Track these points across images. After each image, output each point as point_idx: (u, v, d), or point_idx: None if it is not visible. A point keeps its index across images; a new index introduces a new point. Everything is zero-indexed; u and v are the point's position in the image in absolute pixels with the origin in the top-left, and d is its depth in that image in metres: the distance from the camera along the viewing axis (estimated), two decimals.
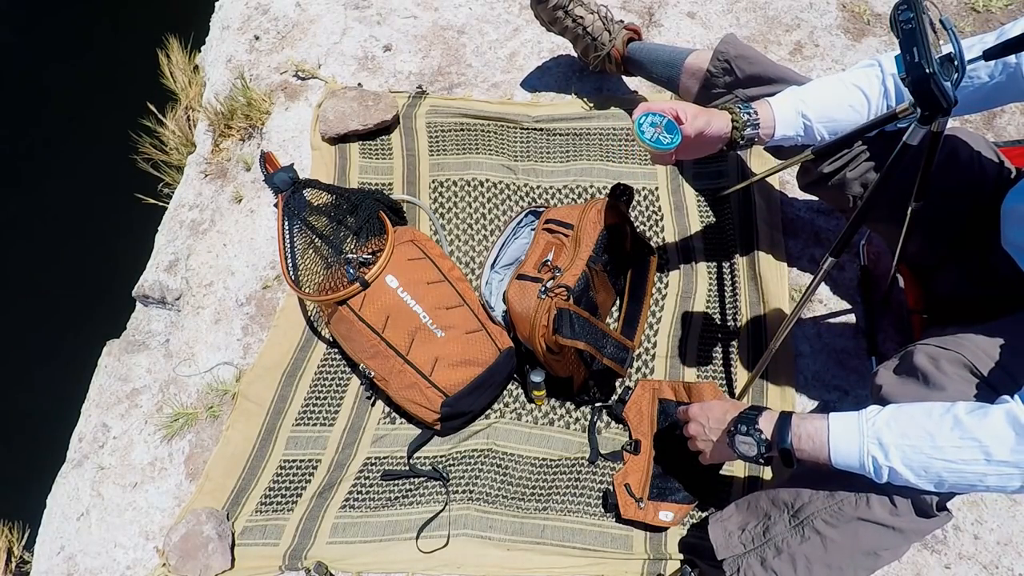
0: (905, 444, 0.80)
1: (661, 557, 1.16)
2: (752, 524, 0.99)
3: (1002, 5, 1.77)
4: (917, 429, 0.80)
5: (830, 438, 0.87)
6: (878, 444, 0.82)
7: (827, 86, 1.06)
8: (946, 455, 0.78)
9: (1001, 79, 0.94)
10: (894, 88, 1.02)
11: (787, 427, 0.91)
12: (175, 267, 1.55)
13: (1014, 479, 0.76)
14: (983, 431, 0.76)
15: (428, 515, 1.20)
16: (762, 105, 1.06)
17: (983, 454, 0.76)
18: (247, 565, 1.18)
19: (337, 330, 1.28)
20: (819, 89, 1.07)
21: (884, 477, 0.83)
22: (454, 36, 1.78)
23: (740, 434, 0.94)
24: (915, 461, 0.80)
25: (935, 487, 0.81)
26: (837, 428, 0.87)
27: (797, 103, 1.05)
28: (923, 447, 0.79)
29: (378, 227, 1.32)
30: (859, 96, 1.04)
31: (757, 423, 0.93)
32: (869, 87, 1.03)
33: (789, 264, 1.41)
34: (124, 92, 2.14)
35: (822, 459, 0.88)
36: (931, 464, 0.79)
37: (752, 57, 1.27)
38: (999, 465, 0.75)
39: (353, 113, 1.57)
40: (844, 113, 1.05)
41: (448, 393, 1.21)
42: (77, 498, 1.30)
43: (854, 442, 0.85)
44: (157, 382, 1.41)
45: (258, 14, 1.87)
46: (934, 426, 0.79)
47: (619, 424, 1.29)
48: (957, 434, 0.78)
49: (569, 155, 1.58)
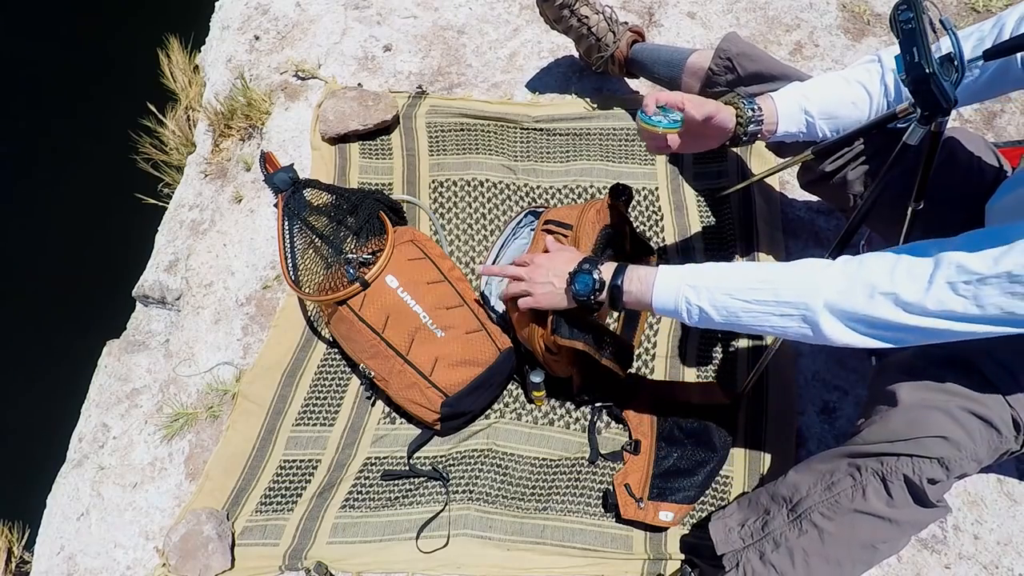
0: (714, 285, 0.90)
1: (661, 557, 1.16)
2: (752, 520, 0.99)
3: (1002, 5, 1.77)
4: (731, 273, 0.90)
5: (655, 281, 0.94)
6: (693, 288, 0.91)
7: (829, 83, 1.06)
8: (744, 295, 0.87)
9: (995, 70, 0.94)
10: (894, 84, 1.02)
11: (622, 271, 0.98)
12: (175, 267, 1.55)
13: (791, 320, 0.85)
14: (781, 275, 0.86)
15: (428, 515, 1.20)
16: (765, 100, 1.06)
17: (774, 295, 0.85)
18: (247, 565, 1.18)
19: (337, 330, 1.28)
20: (821, 85, 1.07)
21: (694, 317, 0.91)
22: (454, 36, 1.78)
23: (582, 272, 1.00)
24: (720, 301, 0.88)
25: (728, 327, 0.90)
26: (664, 273, 0.94)
27: (800, 99, 1.06)
28: (728, 287, 0.88)
29: (378, 227, 1.32)
30: (861, 92, 1.04)
31: (599, 266, 0.99)
32: (870, 83, 1.04)
33: None
34: (124, 92, 2.14)
35: (644, 301, 0.96)
36: (732, 304, 0.88)
37: (754, 55, 1.27)
38: (783, 305, 0.84)
39: (353, 113, 1.57)
40: (846, 110, 1.05)
41: (448, 393, 1.21)
42: (77, 498, 1.30)
43: (673, 286, 0.93)
44: (157, 382, 1.41)
45: (258, 14, 1.87)
46: (746, 271, 0.89)
47: (619, 424, 1.29)
48: (760, 276, 0.87)
49: (569, 155, 1.58)
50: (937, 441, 0.84)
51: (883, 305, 0.79)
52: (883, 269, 0.80)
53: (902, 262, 0.79)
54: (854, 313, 0.81)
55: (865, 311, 0.80)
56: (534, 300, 1.06)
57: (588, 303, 1.00)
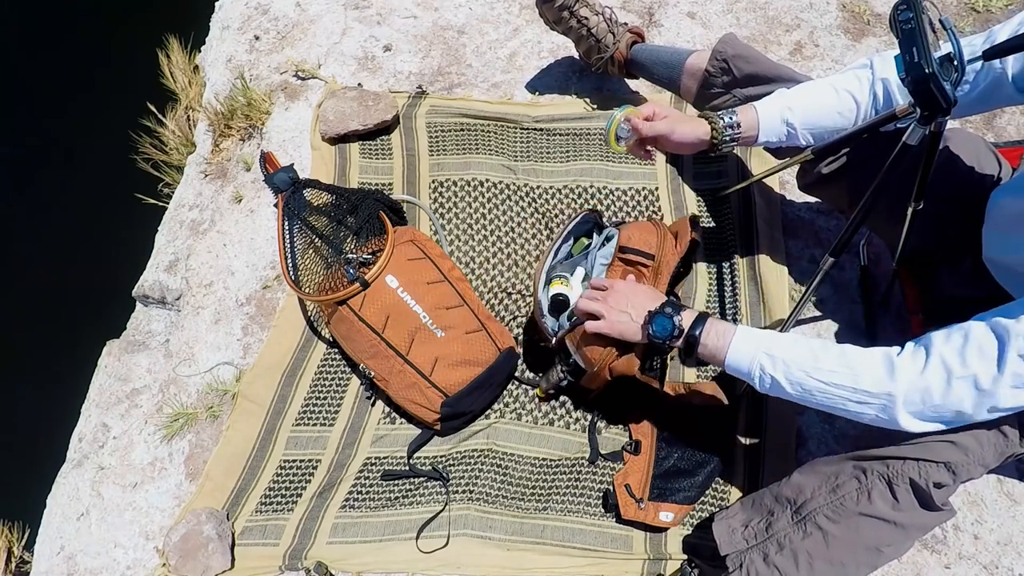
0: (791, 359, 0.89)
1: (661, 557, 1.16)
2: (755, 520, 0.99)
3: (1002, 5, 1.77)
4: (806, 351, 0.89)
5: (732, 340, 0.94)
6: (768, 355, 0.91)
7: (816, 91, 1.07)
8: (822, 376, 0.87)
9: (986, 86, 0.95)
10: (883, 93, 1.03)
11: (702, 322, 0.98)
12: (175, 267, 1.55)
13: (869, 408, 0.85)
14: (859, 362, 0.86)
15: (428, 515, 1.20)
16: (747, 111, 1.08)
17: (852, 381, 0.85)
18: (247, 565, 1.18)
19: (337, 330, 1.28)
20: (808, 94, 1.07)
21: (765, 385, 0.92)
22: (454, 36, 1.78)
23: (663, 315, 1.00)
24: (795, 376, 0.89)
25: (801, 401, 0.90)
26: (741, 334, 0.95)
27: (783, 109, 1.07)
28: (806, 366, 0.88)
29: (378, 227, 1.32)
30: (848, 102, 1.04)
31: (680, 312, 1.00)
32: (859, 92, 1.04)
33: (789, 264, 1.41)
34: (124, 92, 2.14)
35: (718, 357, 0.96)
36: (807, 382, 0.88)
37: (750, 56, 1.27)
38: (860, 393, 0.85)
39: (353, 113, 1.57)
40: (832, 120, 1.06)
41: (448, 393, 1.21)
42: (77, 498, 1.30)
43: (749, 349, 0.93)
44: (157, 382, 1.41)
45: (258, 14, 1.87)
46: (821, 351, 0.89)
47: (619, 424, 1.29)
48: (838, 360, 0.87)
49: (569, 155, 1.58)
50: (945, 446, 0.84)
51: (961, 389, 0.79)
52: (953, 352, 0.80)
53: (971, 343, 0.79)
54: (933, 404, 0.81)
55: (943, 400, 0.80)
56: (607, 326, 1.04)
57: (662, 346, 1.00)
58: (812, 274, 1.12)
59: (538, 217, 1.50)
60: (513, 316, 1.40)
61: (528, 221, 1.50)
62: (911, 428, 0.84)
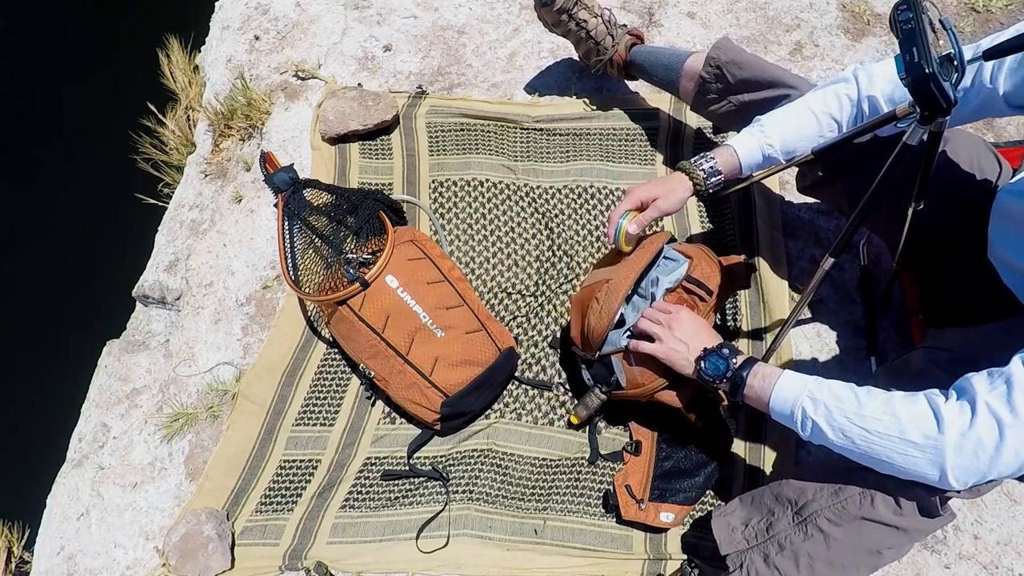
0: (834, 405, 0.86)
1: (661, 557, 1.16)
2: (755, 520, 0.99)
3: (1002, 5, 1.77)
4: (851, 396, 0.86)
5: (776, 383, 0.93)
6: (811, 399, 0.88)
7: (795, 118, 1.07)
8: (866, 423, 0.83)
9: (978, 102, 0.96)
10: (869, 110, 1.03)
11: (749, 365, 0.98)
12: (175, 267, 1.55)
13: (916, 462, 0.80)
14: (905, 411, 0.81)
15: (428, 515, 1.20)
16: (724, 152, 1.09)
17: (897, 431, 0.81)
18: (247, 565, 1.18)
19: (337, 330, 1.28)
20: (786, 123, 1.08)
21: (807, 430, 0.89)
22: (454, 36, 1.78)
23: (719, 355, 1.00)
24: (837, 422, 0.85)
25: (844, 451, 0.87)
26: (786, 378, 0.93)
27: (762, 144, 1.08)
28: (848, 411, 0.85)
29: (378, 227, 1.32)
30: (829, 124, 1.06)
31: (736, 356, 1.00)
32: (840, 112, 1.05)
33: (789, 264, 1.41)
34: (124, 92, 2.14)
35: (763, 399, 0.94)
36: (849, 428, 0.84)
37: (743, 62, 1.28)
38: (906, 444, 0.80)
39: (353, 113, 1.57)
40: (812, 143, 1.07)
41: (448, 393, 1.21)
42: (77, 498, 1.30)
43: (793, 391, 0.91)
44: (157, 382, 1.41)
45: (258, 14, 1.87)
46: (866, 397, 0.85)
47: (619, 424, 1.29)
48: (883, 408, 0.83)
49: (569, 155, 1.58)
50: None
51: (1014, 438, 0.75)
52: (999, 400, 0.75)
53: (1015, 389, 0.75)
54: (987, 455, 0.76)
55: (997, 451, 0.75)
56: (662, 350, 1.05)
57: (710, 383, 1.00)
58: (812, 274, 1.12)
59: (538, 217, 1.50)
60: (513, 316, 1.40)
61: (528, 221, 1.50)
62: (957, 486, 0.79)
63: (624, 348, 1.12)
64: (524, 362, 1.36)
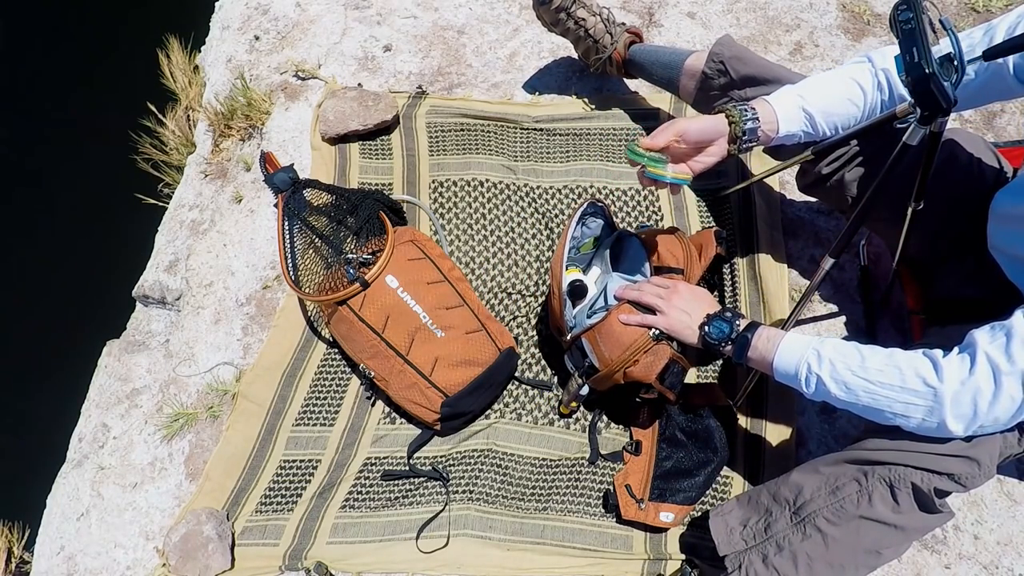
0: (838, 359, 0.89)
1: (661, 557, 1.16)
2: (753, 520, 0.99)
3: (1002, 5, 1.77)
4: (854, 351, 0.89)
5: (781, 343, 0.94)
6: (816, 355, 0.90)
7: (824, 81, 1.06)
8: (868, 375, 0.86)
9: (986, 77, 0.94)
10: (886, 82, 1.02)
11: (754, 328, 0.99)
12: (175, 267, 1.55)
13: (915, 410, 0.83)
14: (907, 363, 0.85)
15: (428, 515, 1.20)
16: (760, 104, 1.04)
17: (899, 381, 0.84)
18: (247, 565, 1.18)
19: (337, 330, 1.28)
20: (816, 85, 1.06)
21: (812, 387, 0.91)
22: (454, 36, 1.78)
23: (721, 319, 1.01)
24: (841, 375, 0.88)
25: (847, 405, 0.89)
26: (790, 338, 0.95)
27: (797, 99, 1.04)
28: (852, 364, 0.87)
29: (378, 227, 1.32)
30: (856, 90, 1.04)
31: (739, 319, 1.01)
32: (864, 81, 1.03)
33: (789, 264, 1.41)
34: (124, 92, 2.14)
35: (767, 360, 0.96)
36: (852, 381, 0.87)
37: (746, 58, 1.27)
38: (907, 393, 0.83)
39: (353, 113, 1.57)
40: (844, 107, 1.04)
41: (448, 393, 1.21)
42: (77, 498, 1.30)
43: (797, 351, 0.92)
44: (157, 382, 1.41)
45: (258, 14, 1.87)
46: (868, 352, 0.88)
47: (619, 424, 1.29)
48: (885, 361, 0.86)
49: (569, 155, 1.58)
50: (955, 460, 0.84)
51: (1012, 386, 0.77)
52: (998, 350, 0.78)
53: (1015, 338, 0.77)
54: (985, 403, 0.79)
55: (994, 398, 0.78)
56: (665, 321, 1.04)
57: (716, 348, 1.01)
58: (812, 274, 1.12)
59: (538, 217, 1.50)
60: (513, 316, 1.40)
61: (528, 221, 1.50)
62: (957, 432, 0.82)
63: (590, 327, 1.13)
64: (524, 362, 1.36)
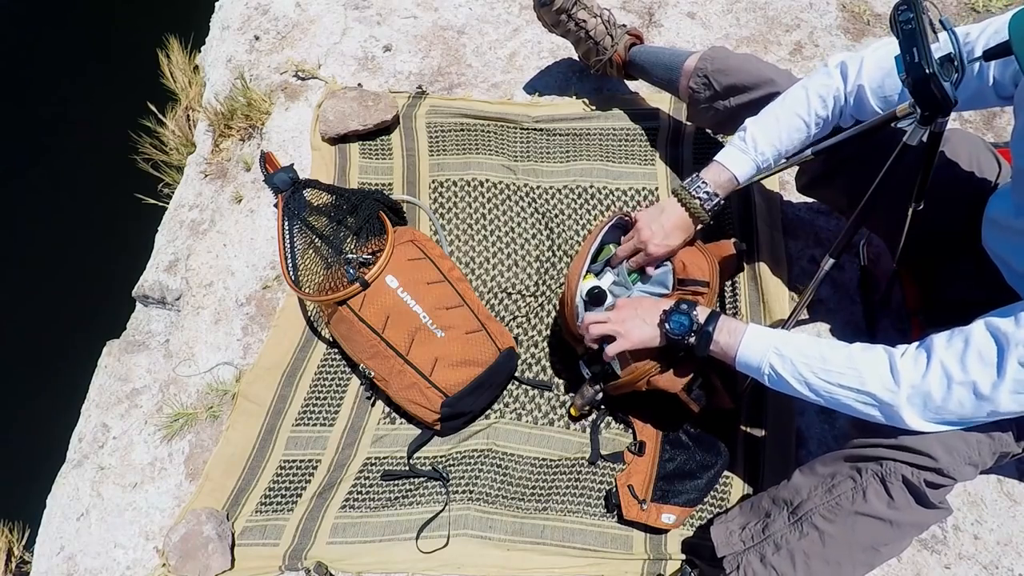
0: (799, 359, 0.91)
1: (661, 557, 1.16)
2: (752, 522, 0.99)
3: (1002, 5, 1.77)
4: (815, 352, 0.91)
5: (743, 336, 0.96)
6: (778, 353, 0.92)
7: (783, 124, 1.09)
8: (829, 377, 0.88)
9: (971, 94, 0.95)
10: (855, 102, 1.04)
11: (715, 319, 1.00)
12: (175, 267, 1.55)
13: (871, 409, 0.87)
14: (865, 364, 0.87)
15: (428, 515, 1.20)
16: (710, 169, 1.14)
17: (858, 383, 0.86)
18: (247, 565, 1.18)
19: (337, 330, 1.28)
20: (770, 130, 1.10)
21: (771, 382, 0.94)
22: (454, 36, 1.78)
23: (678, 312, 1.02)
24: (802, 375, 0.90)
25: (810, 400, 0.92)
26: (753, 332, 0.96)
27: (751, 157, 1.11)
28: (814, 366, 0.90)
29: (378, 227, 1.32)
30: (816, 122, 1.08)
31: (695, 309, 1.02)
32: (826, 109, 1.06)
33: (789, 264, 1.41)
34: (124, 92, 2.14)
35: (729, 354, 0.97)
36: (814, 381, 0.90)
37: (728, 68, 1.30)
38: (865, 395, 0.86)
39: (353, 113, 1.57)
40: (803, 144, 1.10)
41: (448, 393, 1.21)
42: (77, 498, 1.30)
43: (760, 347, 0.94)
44: (157, 382, 1.41)
45: (258, 14, 1.87)
46: (829, 352, 0.90)
47: (619, 424, 1.29)
48: (845, 362, 0.88)
49: (569, 155, 1.58)
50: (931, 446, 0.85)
51: (961, 395, 0.80)
52: (953, 358, 0.81)
53: (971, 348, 0.79)
54: (935, 407, 0.82)
55: (944, 403, 0.82)
56: (626, 341, 1.05)
57: (680, 342, 1.01)
58: (812, 274, 1.12)
59: (538, 217, 1.50)
60: (513, 316, 1.40)
61: (528, 221, 1.50)
62: (917, 427, 0.85)
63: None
64: (524, 362, 1.36)
